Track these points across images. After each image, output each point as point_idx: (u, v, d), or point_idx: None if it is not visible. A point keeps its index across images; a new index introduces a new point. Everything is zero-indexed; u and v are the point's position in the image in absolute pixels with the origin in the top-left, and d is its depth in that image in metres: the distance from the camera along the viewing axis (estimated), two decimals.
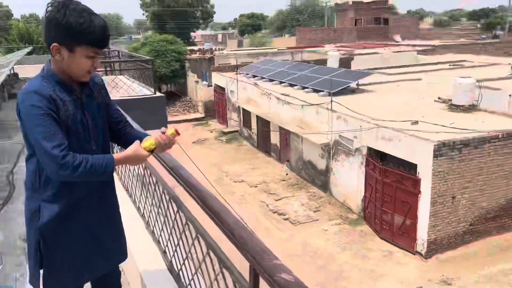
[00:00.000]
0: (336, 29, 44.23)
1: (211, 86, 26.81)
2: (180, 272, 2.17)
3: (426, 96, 15.10)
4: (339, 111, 13.44)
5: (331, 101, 13.82)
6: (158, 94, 9.91)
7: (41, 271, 1.92)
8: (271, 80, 20.81)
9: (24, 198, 1.92)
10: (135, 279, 2.72)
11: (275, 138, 18.22)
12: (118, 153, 1.82)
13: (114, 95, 9.03)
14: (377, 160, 11.75)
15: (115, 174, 4.00)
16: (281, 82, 19.97)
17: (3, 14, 54.32)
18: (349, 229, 12.37)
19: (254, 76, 22.48)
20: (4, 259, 2.98)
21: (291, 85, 19.05)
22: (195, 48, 38.33)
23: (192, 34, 58.87)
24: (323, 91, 16.64)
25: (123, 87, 9.45)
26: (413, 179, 10.61)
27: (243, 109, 21.23)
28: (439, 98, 14.26)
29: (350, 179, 13.21)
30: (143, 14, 57.39)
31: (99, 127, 1.92)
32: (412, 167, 10.61)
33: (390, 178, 11.30)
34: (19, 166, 5.53)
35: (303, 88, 18.17)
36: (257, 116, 19.42)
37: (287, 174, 16.67)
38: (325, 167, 14.53)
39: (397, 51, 29.45)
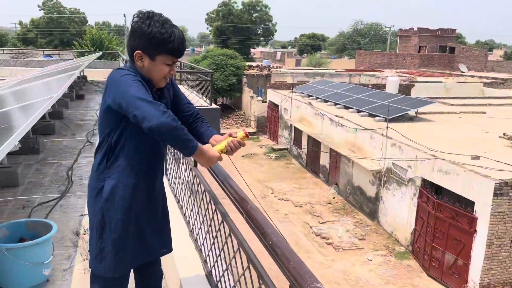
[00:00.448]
0: (398, 54, 43.26)
1: (265, 102, 27.06)
2: (219, 284, 2.16)
3: (490, 131, 14.29)
4: (394, 138, 13.03)
5: (387, 127, 13.44)
6: (214, 106, 10.16)
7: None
8: (326, 101, 20.65)
9: (88, 181, 2.04)
10: (174, 285, 2.74)
11: (324, 160, 17.97)
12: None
13: None
14: (432, 193, 11.21)
15: (165, 179, 4.10)
16: (336, 104, 19.75)
17: (79, 20, 58.42)
18: (395, 262, 11.83)
19: (309, 96, 22.42)
20: (55, 251, 3.12)
21: (346, 108, 18.78)
22: (254, 64, 38.99)
23: (252, 50, 60.03)
24: (379, 116, 16.24)
25: None
26: (469, 217, 10.00)
27: (295, 127, 21.19)
28: (504, 134, 13.44)
29: (400, 210, 12.69)
30: (207, 28, 59.52)
31: None
32: (469, 204, 10.01)
33: (444, 213, 10.72)
34: (78, 163, 5.84)
35: (359, 111, 17.84)
36: (308, 135, 19.29)
37: (334, 198, 16.33)
38: (374, 194, 14.08)
39: (462, 82, 28.21)
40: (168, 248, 2.22)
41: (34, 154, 6.13)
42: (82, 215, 4.09)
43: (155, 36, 1.79)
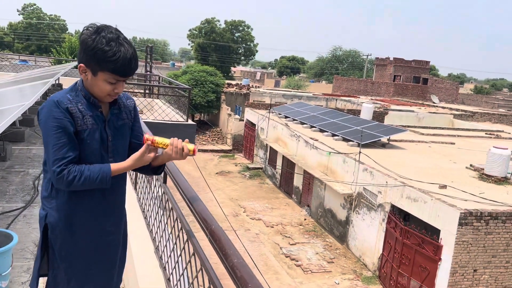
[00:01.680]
0: (374, 82, 44.48)
1: (243, 120, 27.20)
2: None
3: (457, 162, 14.76)
4: (366, 163, 13.29)
5: (360, 152, 13.71)
6: (190, 122, 10.15)
7: (44, 278, 1.96)
8: (302, 123, 20.94)
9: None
10: None
11: (298, 181, 18.10)
12: (117, 164, 1.87)
13: (148, 117, 9.30)
14: (400, 219, 11.43)
15: (134, 195, 4.06)
16: (311, 126, 20.06)
17: (58, 27, 57.68)
18: (361, 286, 11.90)
19: (286, 117, 22.69)
20: (14, 262, 3.03)
21: (322, 131, 19.08)
22: (233, 82, 39.27)
23: (232, 68, 60.50)
24: (352, 141, 16.57)
25: (157, 111, 9.73)
26: (434, 245, 10.22)
27: (270, 147, 21.33)
28: (471, 165, 13.91)
29: (369, 235, 12.85)
30: (188, 44, 59.74)
31: (121, 145, 1.99)
32: (435, 232, 10.25)
33: (410, 240, 10.92)
34: None
35: (333, 135, 18.15)
36: (283, 156, 19.44)
37: (305, 219, 16.40)
38: (345, 218, 14.23)
39: (433, 112, 29.17)
40: (120, 279, 2.17)
41: (1, 161, 5.96)
42: None
43: (97, 53, 1.74)
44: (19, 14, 57.30)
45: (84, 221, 1.90)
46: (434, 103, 37.65)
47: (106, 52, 1.74)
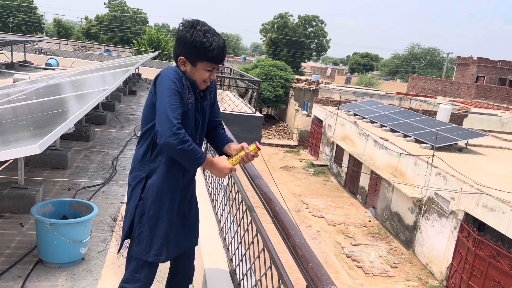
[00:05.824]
0: (454, 82, 41.81)
1: (310, 116, 26.99)
2: (242, 283, 2.22)
3: None
4: (440, 167, 12.60)
5: (433, 155, 13.03)
6: (258, 114, 10.28)
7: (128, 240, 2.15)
8: (372, 122, 20.32)
9: (130, 171, 2.18)
10: (199, 280, 2.82)
11: (364, 181, 17.62)
12: (211, 158, 2.06)
13: None
14: (474, 228, 10.72)
15: (202, 179, 4.23)
16: (382, 126, 19.39)
17: (140, 20, 61.00)
18: None
19: (355, 115, 22.16)
20: (93, 233, 3.29)
21: (393, 131, 18.38)
22: (302, 77, 39.05)
23: (303, 64, 60.12)
24: (426, 143, 15.79)
25: (227, 102, 9.97)
26: (511, 258, 9.46)
27: (337, 145, 20.96)
28: None
29: (438, 242, 12.20)
30: (260, 39, 60.31)
31: (205, 123, 2.21)
32: None
33: (484, 251, 10.21)
34: (123, 154, 6.11)
35: (405, 136, 17.41)
36: (350, 154, 19.02)
37: (369, 221, 15.95)
38: (413, 223, 13.63)
39: None
40: (197, 239, 2.36)
41: (85, 141, 6.48)
42: (121, 202, 4.29)
43: (196, 45, 1.93)
44: (105, 7, 61.44)
45: (171, 187, 2.09)
46: None
47: (204, 43, 1.94)
